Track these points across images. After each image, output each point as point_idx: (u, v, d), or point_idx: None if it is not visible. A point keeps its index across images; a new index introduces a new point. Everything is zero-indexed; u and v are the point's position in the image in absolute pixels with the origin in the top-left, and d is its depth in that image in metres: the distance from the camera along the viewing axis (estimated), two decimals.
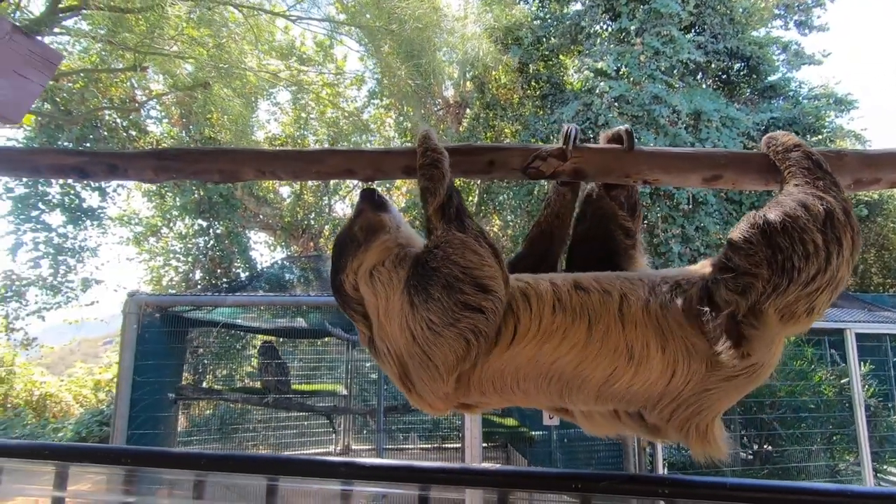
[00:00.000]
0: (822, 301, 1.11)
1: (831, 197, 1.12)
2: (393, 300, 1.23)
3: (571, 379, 1.17)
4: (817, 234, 1.08)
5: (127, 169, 1.43)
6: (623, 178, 1.29)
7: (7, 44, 2.12)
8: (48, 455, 1.46)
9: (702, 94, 13.41)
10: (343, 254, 1.36)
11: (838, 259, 1.09)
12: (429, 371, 1.18)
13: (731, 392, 1.19)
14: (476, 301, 1.14)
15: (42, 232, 11.92)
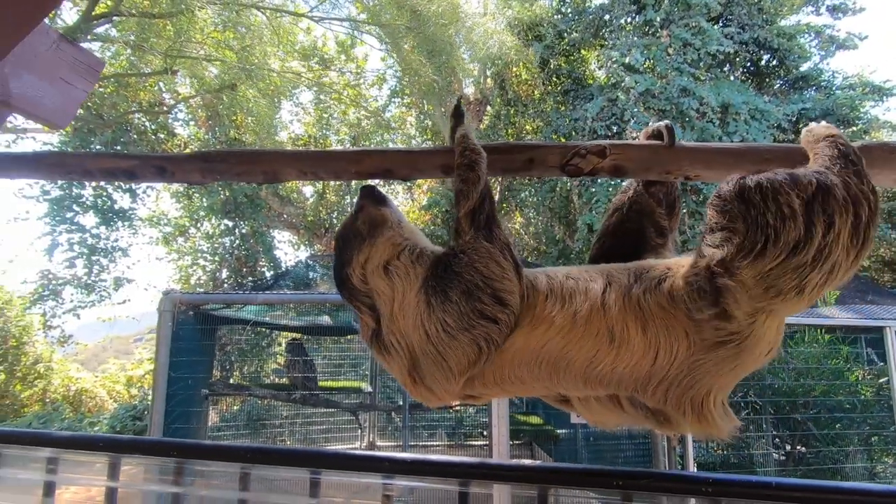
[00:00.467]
0: (813, 281, 1.06)
1: (837, 177, 1.08)
2: (409, 296, 1.26)
3: (557, 361, 1.20)
4: (794, 197, 1.05)
5: (175, 171, 1.47)
6: (663, 174, 1.28)
7: (54, 52, 2.20)
8: (102, 447, 1.52)
9: (729, 87, 13.10)
10: (348, 247, 1.38)
11: (827, 236, 1.04)
12: (441, 370, 1.21)
13: (721, 365, 1.16)
14: (492, 312, 1.17)
15: (76, 233, 12.33)
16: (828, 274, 1.06)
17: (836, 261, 1.06)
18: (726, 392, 1.24)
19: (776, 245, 1.05)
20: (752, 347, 1.13)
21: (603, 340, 1.17)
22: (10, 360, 12.30)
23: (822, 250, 1.05)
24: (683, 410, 1.19)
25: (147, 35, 9.44)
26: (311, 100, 15.88)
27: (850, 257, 1.07)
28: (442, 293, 1.20)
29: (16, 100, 2.09)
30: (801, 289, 1.07)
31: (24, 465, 1.60)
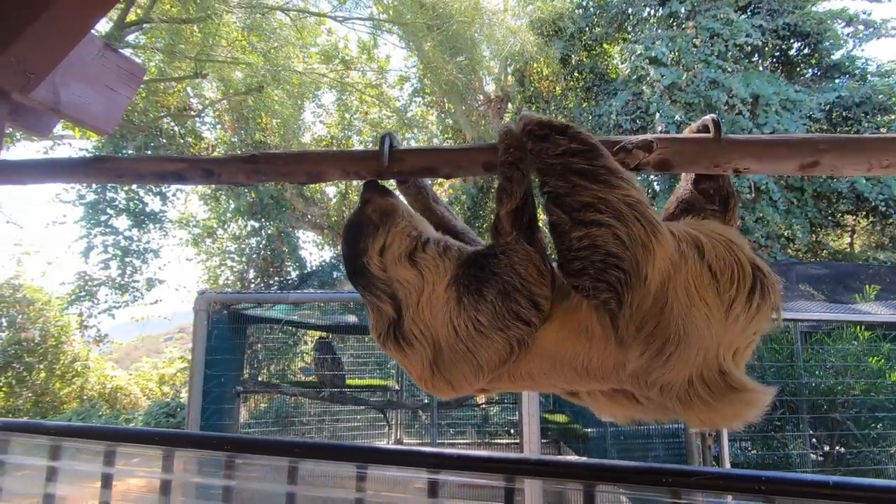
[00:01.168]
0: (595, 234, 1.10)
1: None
2: (438, 290, 1.25)
3: (554, 356, 1.22)
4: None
5: (221, 173, 1.51)
6: (712, 167, 1.26)
7: (99, 60, 2.28)
8: (158, 441, 1.57)
9: (759, 77, 12.75)
10: (362, 237, 1.35)
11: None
12: (471, 366, 1.21)
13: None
14: (527, 315, 1.18)
15: (110, 235, 12.74)
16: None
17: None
18: (709, 366, 1.14)
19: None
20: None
21: (581, 336, 1.19)
22: (49, 358, 12.76)
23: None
24: (669, 398, 1.15)
25: (176, 41, 9.69)
26: (333, 101, 16.07)
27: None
28: (476, 292, 1.20)
29: (65, 107, 2.17)
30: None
31: (82, 457, 1.66)
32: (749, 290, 1.12)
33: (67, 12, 1.85)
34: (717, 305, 1.11)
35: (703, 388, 1.10)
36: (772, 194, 12.18)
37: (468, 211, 14.69)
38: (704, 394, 1.10)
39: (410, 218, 1.40)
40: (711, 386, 1.10)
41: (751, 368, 6.32)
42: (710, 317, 1.10)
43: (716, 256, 1.14)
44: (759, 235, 12.27)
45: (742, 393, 1.11)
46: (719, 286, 1.11)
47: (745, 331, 1.12)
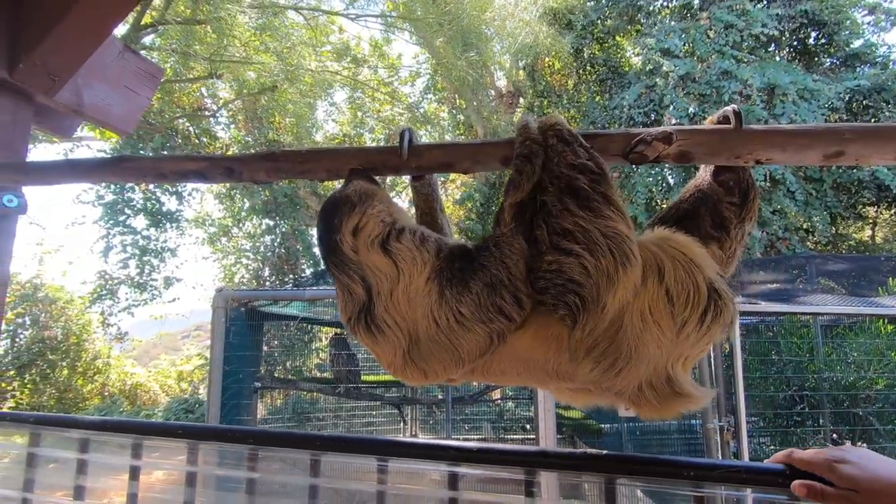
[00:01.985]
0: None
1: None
2: (417, 283, 1.24)
3: (528, 360, 1.26)
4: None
5: (242, 171, 1.53)
6: (733, 159, 1.25)
7: (119, 62, 2.33)
8: (182, 434, 1.61)
9: (775, 67, 12.51)
10: (337, 213, 1.32)
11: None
12: (452, 356, 1.23)
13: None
14: (510, 311, 1.19)
15: (129, 235, 12.97)
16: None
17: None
18: (657, 375, 1.20)
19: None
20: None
21: (553, 343, 1.22)
22: (71, 356, 13.05)
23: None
24: (622, 399, 1.24)
25: (191, 42, 9.80)
26: (345, 99, 16.14)
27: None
28: (461, 284, 1.20)
29: (87, 108, 2.22)
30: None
31: (109, 450, 1.71)
32: (702, 312, 1.17)
33: (89, 16, 1.88)
34: (670, 327, 1.17)
35: (651, 393, 1.19)
36: (789, 185, 11.97)
37: (480, 208, 14.68)
38: (652, 398, 1.19)
39: (389, 205, 1.38)
40: (658, 391, 1.19)
41: (770, 363, 6.27)
42: (662, 338, 1.16)
43: (675, 280, 1.18)
44: (776, 227, 12.07)
45: (684, 398, 1.20)
46: (674, 309, 1.17)
47: (695, 345, 1.19)
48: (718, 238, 1.35)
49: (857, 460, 1.02)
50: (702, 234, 1.35)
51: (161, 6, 9.50)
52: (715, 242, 1.35)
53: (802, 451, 1.15)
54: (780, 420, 6.04)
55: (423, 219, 1.58)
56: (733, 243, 1.37)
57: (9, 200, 1.90)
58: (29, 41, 1.91)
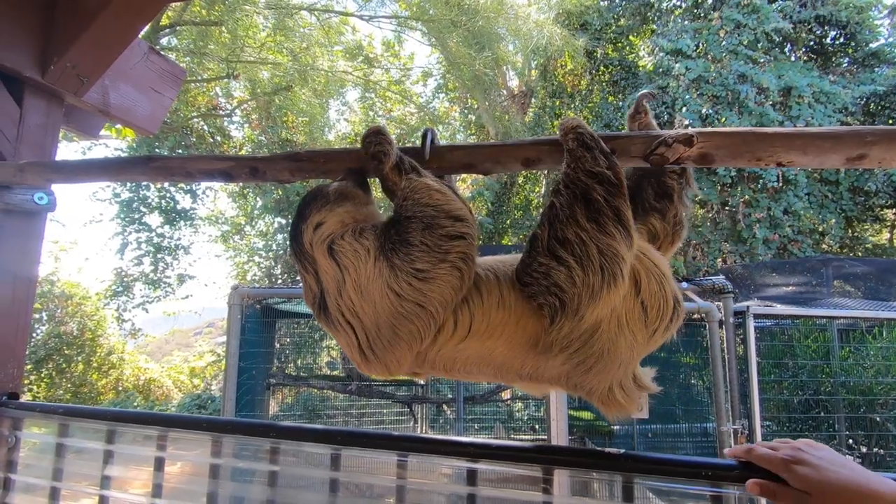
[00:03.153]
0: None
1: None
2: (365, 271, 1.22)
3: (501, 366, 1.28)
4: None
5: (266, 171, 1.57)
6: (754, 161, 1.26)
7: (144, 63, 2.38)
8: (206, 427, 1.65)
9: (791, 68, 12.38)
10: (309, 204, 1.35)
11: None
12: (423, 320, 1.20)
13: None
14: (456, 230, 1.19)
15: (144, 232, 13.16)
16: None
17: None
18: (626, 376, 1.28)
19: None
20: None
21: (531, 350, 1.24)
22: (86, 351, 13.28)
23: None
24: (593, 398, 1.30)
25: (205, 42, 9.92)
26: (356, 98, 16.23)
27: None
28: (404, 244, 1.19)
29: (114, 109, 2.27)
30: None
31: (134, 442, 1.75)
32: (669, 320, 1.26)
33: (117, 19, 1.93)
34: (643, 334, 1.24)
35: (620, 393, 1.26)
36: (799, 188, 11.83)
37: (491, 206, 14.68)
38: (621, 398, 1.26)
39: (362, 207, 1.40)
40: (627, 390, 1.26)
41: (784, 367, 6.21)
42: (634, 343, 1.23)
43: (649, 293, 1.24)
44: (788, 229, 11.94)
45: (645, 391, 1.30)
46: (647, 319, 1.24)
47: (656, 347, 1.29)
48: (661, 209, 1.46)
49: (815, 462, 1.00)
50: (645, 207, 1.46)
51: (179, 7, 9.64)
52: (657, 214, 1.46)
53: (763, 446, 1.14)
54: (794, 424, 5.98)
55: None
56: (678, 209, 1.47)
57: (39, 198, 1.95)
58: (60, 44, 1.97)
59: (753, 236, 11.97)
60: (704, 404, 6.17)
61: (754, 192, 12.11)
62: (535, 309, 1.22)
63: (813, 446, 1.07)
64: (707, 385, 5.96)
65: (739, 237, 12.54)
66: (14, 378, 1.93)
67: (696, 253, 13.91)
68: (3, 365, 1.91)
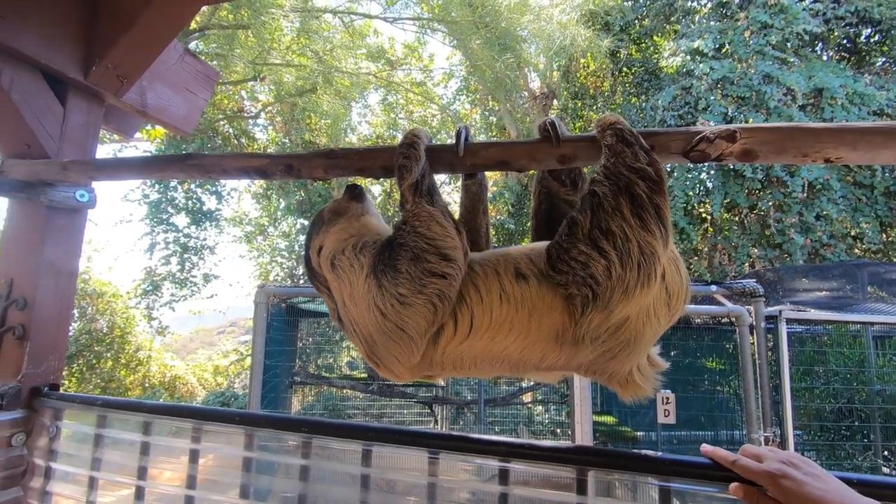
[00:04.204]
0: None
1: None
2: (358, 285, 1.31)
3: (517, 362, 1.29)
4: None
5: (301, 168, 1.59)
6: (800, 157, 1.22)
7: (180, 64, 2.44)
8: (238, 420, 1.67)
9: (823, 69, 12.02)
10: (311, 231, 1.50)
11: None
12: (402, 341, 1.26)
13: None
14: (440, 268, 1.23)
15: (171, 232, 13.47)
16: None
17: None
18: (642, 359, 1.32)
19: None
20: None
21: (551, 341, 1.25)
22: (115, 348, 13.63)
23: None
24: (612, 383, 1.32)
25: (233, 46, 10.13)
26: (378, 101, 16.36)
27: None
28: (392, 269, 1.25)
29: (151, 109, 2.33)
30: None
31: (173, 434, 1.79)
32: (685, 298, 1.29)
33: (157, 21, 1.99)
34: (666, 318, 1.27)
35: (638, 375, 1.29)
36: (832, 192, 11.48)
37: (512, 207, 14.62)
38: (639, 379, 1.29)
39: (356, 220, 1.48)
40: (643, 371, 1.30)
41: (814, 374, 6.02)
42: (659, 328, 1.26)
43: (672, 278, 1.27)
44: (821, 234, 11.59)
45: (658, 369, 1.34)
46: (670, 302, 1.26)
47: (672, 323, 1.31)
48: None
49: (800, 477, 1.01)
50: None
51: (207, 12, 9.86)
52: None
53: (748, 453, 1.16)
54: (826, 434, 5.79)
55: (465, 217, 1.62)
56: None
57: (80, 195, 2.02)
58: (102, 46, 2.03)
59: (788, 240, 11.65)
60: (732, 411, 6.02)
61: (785, 197, 11.79)
62: (554, 300, 1.22)
63: (802, 462, 1.07)
64: (735, 391, 5.82)
65: (769, 242, 12.23)
66: (55, 370, 2.00)
67: (722, 257, 13.62)
68: (46, 356, 1.97)
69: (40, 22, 1.89)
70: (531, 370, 1.32)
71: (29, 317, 1.93)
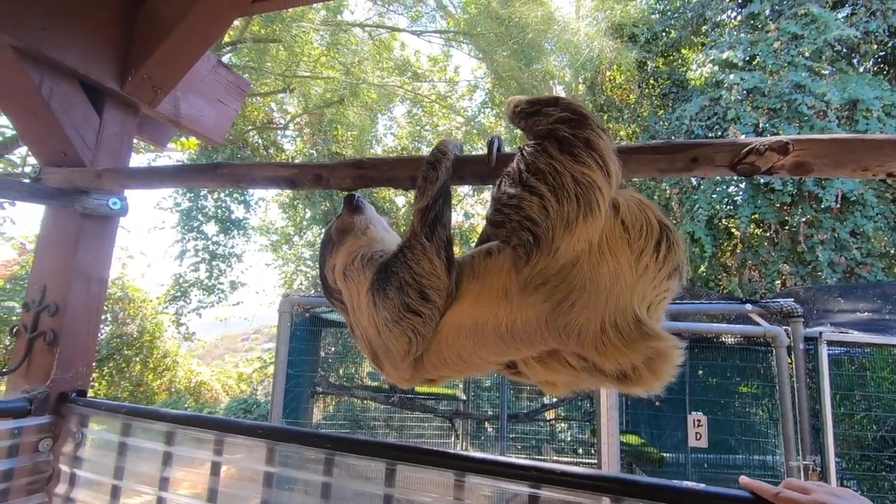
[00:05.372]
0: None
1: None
2: (361, 296, 1.37)
3: (474, 329, 1.22)
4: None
5: (329, 178, 1.57)
6: (860, 171, 1.14)
7: (213, 75, 2.47)
8: (261, 434, 1.64)
9: (858, 81, 11.63)
10: (323, 252, 1.57)
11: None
12: (390, 359, 1.33)
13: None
14: (416, 306, 1.25)
15: (201, 240, 13.77)
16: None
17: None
18: (622, 314, 1.13)
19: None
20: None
21: (501, 299, 1.19)
22: (144, 352, 13.94)
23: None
24: (586, 347, 1.14)
25: (264, 59, 10.38)
26: (403, 113, 16.53)
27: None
28: (382, 291, 1.31)
29: (184, 119, 2.36)
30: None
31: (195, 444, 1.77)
32: (656, 242, 1.14)
33: (191, 32, 2.01)
34: (627, 257, 1.13)
35: (615, 335, 1.10)
36: (868, 207, 11.02)
37: None
38: (617, 340, 1.10)
39: (363, 234, 1.54)
40: (624, 333, 1.10)
41: (854, 399, 5.72)
42: (619, 268, 1.12)
43: (629, 212, 1.16)
44: (856, 252, 11.13)
45: (654, 340, 1.10)
46: (630, 237, 1.14)
47: (654, 283, 1.14)
48: None
49: None
50: None
51: (240, 26, 10.15)
52: None
53: (793, 487, 1.09)
54: (867, 462, 5.49)
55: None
56: None
57: (113, 203, 2.04)
58: (138, 57, 2.06)
59: (816, 258, 11.23)
60: (765, 435, 5.76)
61: (816, 213, 11.40)
62: (504, 261, 1.21)
63: (852, 496, 1.02)
64: (770, 415, 5.57)
65: (800, 259, 11.81)
66: (83, 376, 2.01)
67: (752, 274, 13.21)
68: (74, 362, 1.99)
69: (79, 34, 1.94)
70: (497, 341, 1.21)
71: (60, 323, 1.95)
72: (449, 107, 15.22)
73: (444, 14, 13.79)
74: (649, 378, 1.14)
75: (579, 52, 11.85)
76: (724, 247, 13.41)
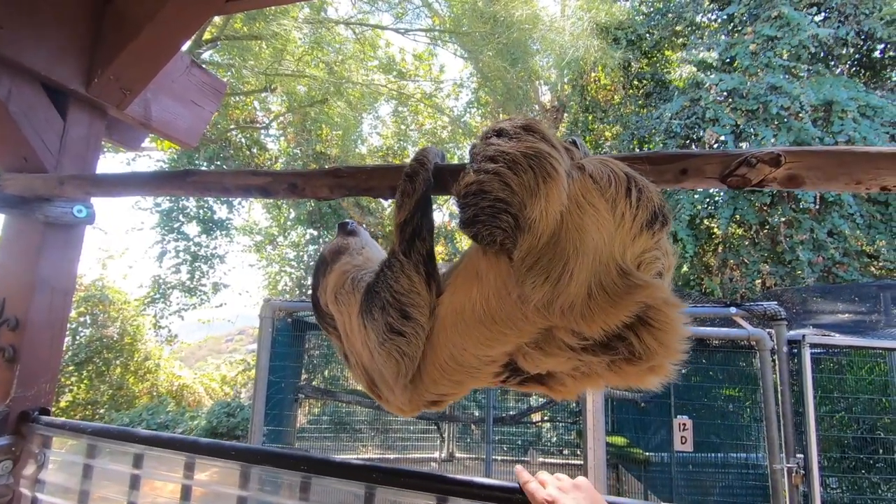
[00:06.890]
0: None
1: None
2: (353, 319, 1.34)
3: (456, 322, 1.20)
4: None
5: (305, 187, 1.50)
6: (853, 185, 1.11)
7: (186, 76, 2.37)
8: (234, 455, 1.56)
9: (833, 82, 11.83)
10: (316, 274, 1.54)
11: None
12: (386, 384, 1.28)
13: None
14: (398, 326, 1.22)
15: (182, 241, 13.50)
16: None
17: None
18: (607, 271, 1.08)
19: None
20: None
21: (473, 283, 1.17)
22: (125, 355, 13.62)
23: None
24: (573, 319, 1.07)
25: (246, 57, 10.20)
26: (389, 112, 16.40)
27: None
28: (370, 313, 1.27)
29: (155, 122, 2.26)
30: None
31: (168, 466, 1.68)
32: (626, 189, 1.12)
33: (161, 32, 1.92)
34: (604, 206, 1.10)
35: (602, 296, 1.04)
36: (845, 207, 11.22)
37: None
38: (603, 300, 1.04)
39: (356, 254, 1.51)
40: (609, 289, 1.05)
41: (834, 400, 5.79)
42: (600, 218, 1.08)
43: (594, 168, 1.16)
44: (834, 251, 11.32)
45: (640, 288, 1.04)
46: (601, 187, 1.12)
47: (632, 232, 1.08)
48: None
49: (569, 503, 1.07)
50: None
51: (220, 23, 9.95)
52: None
53: (538, 479, 1.21)
54: (847, 462, 5.56)
55: None
56: None
57: (78, 211, 1.94)
58: (104, 57, 1.96)
59: (796, 258, 11.40)
60: (750, 437, 5.80)
61: (795, 213, 11.57)
62: (474, 251, 1.19)
63: (577, 487, 1.15)
64: (753, 417, 5.61)
65: (780, 259, 11.99)
66: (46, 393, 1.91)
67: (733, 274, 13.38)
68: (37, 379, 1.88)
69: (41, 33, 1.83)
70: (476, 326, 1.17)
71: (20, 338, 1.84)
72: (434, 106, 15.15)
73: (429, 12, 13.72)
74: (657, 349, 1.08)
75: (564, 51, 11.85)
76: (706, 247, 13.56)
